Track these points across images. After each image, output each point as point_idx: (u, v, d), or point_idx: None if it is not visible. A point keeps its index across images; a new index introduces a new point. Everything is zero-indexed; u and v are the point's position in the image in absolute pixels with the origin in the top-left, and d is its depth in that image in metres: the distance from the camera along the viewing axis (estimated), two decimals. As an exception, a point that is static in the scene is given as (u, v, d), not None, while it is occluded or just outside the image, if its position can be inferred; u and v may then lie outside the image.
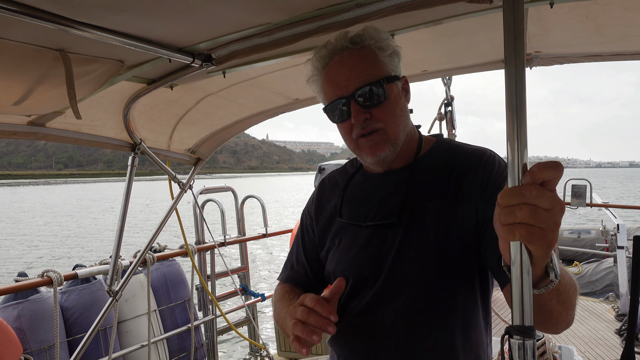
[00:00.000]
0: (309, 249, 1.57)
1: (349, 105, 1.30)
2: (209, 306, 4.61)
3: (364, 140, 1.32)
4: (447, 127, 4.82)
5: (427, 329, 1.27)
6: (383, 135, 1.31)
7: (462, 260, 1.26)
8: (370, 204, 1.40)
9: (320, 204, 1.57)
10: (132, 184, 2.56)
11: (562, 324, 1.06)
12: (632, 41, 1.87)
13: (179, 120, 2.50)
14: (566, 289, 0.99)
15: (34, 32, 1.24)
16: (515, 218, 0.76)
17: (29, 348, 3.29)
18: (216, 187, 4.94)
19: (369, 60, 1.31)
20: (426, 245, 1.27)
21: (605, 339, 4.74)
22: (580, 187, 6.92)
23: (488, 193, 1.24)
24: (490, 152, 1.35)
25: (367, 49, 1.32)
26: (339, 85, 1.32)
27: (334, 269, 1.43)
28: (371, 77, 1.29)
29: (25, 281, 3.08)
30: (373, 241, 1.35)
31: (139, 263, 3.15)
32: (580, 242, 9.28)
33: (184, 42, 1.53)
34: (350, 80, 1.30)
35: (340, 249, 1.42)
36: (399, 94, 1.36)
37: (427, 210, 1.30)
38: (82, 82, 1.59)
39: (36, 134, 2.01)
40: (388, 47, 1.34)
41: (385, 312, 1.31)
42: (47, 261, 18.80)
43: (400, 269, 1.29)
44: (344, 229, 1.44)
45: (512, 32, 0.82)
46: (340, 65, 1.32)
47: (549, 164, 0.76)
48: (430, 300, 1.27)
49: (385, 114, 1.31)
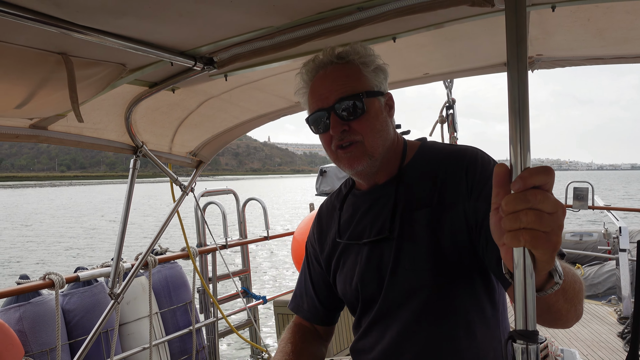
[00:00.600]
0: (315, 279, 1.60)
1: (328, 117, 1.33)
2: (210, 309, 4.61)
3: (342, 152, 1.35)
4: (449, 129, 4.81)
5: (430, 337, 1.29)
6: (361, 148, 1.33)
7: (458, 265, 1.27)
8: (365, 222, 1.43)
9: (321, 231, 1.60)
10: (134, 186, 2.56)
11: (572, 320, 1.06)
12: (633, 44, 1.87)
13: (180, 123, 2.51)
14: (571, 286, 0.99)
15: (37, 35, 1.25)
16: (521, 223, 0.75)
17: (31, 350, 3.29)
18: (217, 189, 4.94)
19: (351, 75, 1.34)
20: (420, 255, 1.29)
21: (607, 342, 4.73)
22: (582, 190, 6.91)
23: (476, 193, 1.25)
24: (472, 150, 1.34)
25: (351, 63, 1.35)
26: (320, 97, 1.35)
27: (343, 290, 1.48)
28: (351, 90, 1.32)
29: (27, 284, 3.09)
30: (372, 258, 1.37)
31: (141, 265, 3.15)
32: (582, 244, 9.25)
33: (186, 45, 1.53)
34: (331, 92, 1.33)
35: (345, 270, 1.46)
36: (381, 109, 1.37)
37: (416, 221, 1.31)
38: (84, 85, 1.59)
39: (38, 137, 2.01)
40: (372, 63, 1.37)
41: (391, 325, 1.34)
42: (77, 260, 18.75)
43: (399, 282, 1.32)
44: (346, 249, 1.46)
45: (515, 35, 0.82)
46: (324, 78, 1.36)
47: (539, 169, 0.76)
48: (431, 309, 1.29)
49: (363, 127, 1.32)
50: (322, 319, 1.60)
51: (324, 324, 1.62)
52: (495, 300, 1.33)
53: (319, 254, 1.58)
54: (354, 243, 1.43)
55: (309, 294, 1.61)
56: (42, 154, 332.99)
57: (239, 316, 5.27)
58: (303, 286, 1.64)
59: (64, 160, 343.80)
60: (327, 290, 1.57)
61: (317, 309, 1.59)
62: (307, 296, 1.62)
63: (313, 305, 1.59)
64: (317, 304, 1.59)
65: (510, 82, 0.83)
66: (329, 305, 1.59)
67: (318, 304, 1.59)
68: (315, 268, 1.60)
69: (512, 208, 0.76)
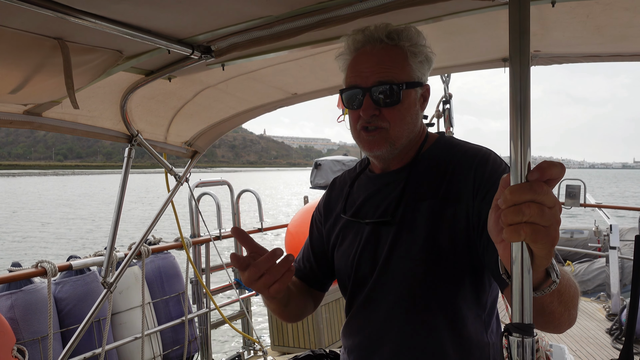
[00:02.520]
0: (316, 244, 1.63)
1: (362, 97, 1.31)
2: (203, 299, 4.61)
3: (365, 133, 1.34)
4: (445, 124, 4.83)
5: (414, 328, 1.30)
6: (384, 135, 1.33)
7: (452, 260, 1.27)
8: (371, 203, 1.44)
9: (329, 202, 1.62)
10: (128, 175, 2.54)
11: (565, 325, 1.06)
12: (632, 42, 1.87)
13: (176, 112, 2.49)
14: (567, 289, 0.99)
15: (33, 19, 1.23)
16: (523, 216, 0.74)
17: (22, 338, 3.27)
18: (212, 180, 4.93)
19: (397, 60, 1.32)
20: (416, 245, 1.29)
21: (595, 338, 4.78)
22: (574, 188, 6.96)
23: (482, 193, 1.25)
24: (486, 151, 1.35)
25: (400, 48, 1.33)
26: (360, 74, 1.33)
27: (338, 266, 1.50)
28: (393, 78, 1.30)
29: (19, 271, 3.07)
30: (371, 239, 1.39)
31: (134, 255, 3.14)
32: (573, 241, 9.34)
33: (184, 33, 1.52)
34: (372, 73, 1.31)
35: (344, 247, 1.47)
36: (415, 101, 1.37)
37: (419, 211, 1.32)
38: (80, 71, 1.57)
39: (32, 124, 1.99)
40: (421, 54, 1.35)
41: (378, 309, 1.36)
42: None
43: (391, 268, 1.33)
44: (347, 226, 1.48)
45: (518, 29, 0.82)
46: (369, 55, 1.34)
47: (555, 163, 0.76)
48: (417, 300, 1.30)
49: (394, 116, 1.32)
50: (315, 282, 1.62)
51: (317, 287, 1.63)
52: (484, 302, 1.34)
53: (323, 223, 1.60)
54: (356, 221, 1.44)
55: (307, 257, 1.63)
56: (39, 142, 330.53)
57: (232, 307, 5.27)
58: (304, 251, 1.67)
59: (60, 149, 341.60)
60: (324, 257, 1.59)
61: (313, 272, 1.61)
62: (305, 259, 1.64)
63: (310, 268, 1.61)
64: (315, 267, 1.61)
65: (512, 76, 0.82)
66: (325, 272, 1.61)
67: (316, 268, 1.61)
68: (319, 233, 1.62)
69: (517, 198, 0.75)
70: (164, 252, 4.48)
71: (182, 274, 4.57)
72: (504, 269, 0.91)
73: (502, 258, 0.87)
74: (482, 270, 1.29)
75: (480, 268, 1.28)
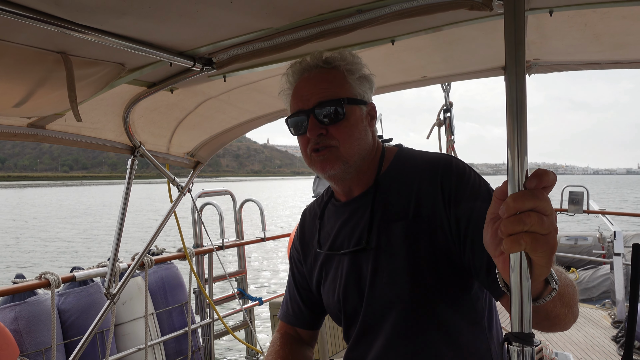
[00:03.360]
0: (299, 283, 1.61)
1: (307, 120, 1.32)
2: (206, 310, 4.60)
3: (315, 155, 1.34)
4: (446, 132, 4.83)
5: (415, 350, 1.29)
6: (335, 153, 1.32)
7: (436, 278, 1.26)
8: (344, 233, 1.42)
9: (303, 237, 1.60)
10: (131, 186, 2.56)
11: (570, 322, 1.06)
12: (630, 50, 1.88)
13: (178, 123, 2.51)
14: (566, 290, 0.99)
15: (36, 34, 1.25)
16: (524, 226, 0.74)
17: (26, 350, 3.28)
18: (215, 190, 4.94)
19: (335, 80, 1.35)
20: (398, 268, 1.28)
21: (601, 346, 4.74)
22: (577, 194, 6.94)
23: (455, 203, 1.24)
24: (446, 159, 1.33)
25: (336, 69, 1.36)
26: (301, 99, 1.35)
27: (327, 302, 1.49)
28: (332, 95, 1.32)
29: (23, 283, 3.08)
30: (352, 270, 1.37)
31: (137, 266, 3.15)
32: (577, 248, 9.29)
33: (185, 46, 1.54)
34: (312, 95, 1.33)
35: (328, 282, 1.46)
36: (361, 118, 1.37)
37: (393, 233, 1.30)
38: (83, 84, 1.59)
39: (36, 136, 2.01)
40: (357, 71, 1.38)
41: (376, 338, 1.34)
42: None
43: (378, 295, 1.32)
44: (327, 260, 1.46)
45: (513, 39, 0.83)
46: (308, 80, 1.36)
47: (547, 170, 0.77)
48: (411, 322, 1.29)
49: (341, 132, 1.32)
50: (307, 323, 1.61)
51: (308, 327, 1.62)
52: (480, 308, 1.33)
53: (302, 261, 1.58)
54: (334, 254, 1.42)
55: (294, 298, 1.62)
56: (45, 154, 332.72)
57: (235, 317, 5.26)
58: (289, 292, 1.65)
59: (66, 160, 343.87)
60: (311, 294, 1.58)
61: (302, 313, 1.60)
62: (292, 301, 1.63)
63: (299, 309, 1.60)
64: (302, 307, 1.59)
65: (508, 85, 0.83)
66: (314, 309, 1.59)
67: (304, 308, 1.59)
68: (300, 272, 1.60)
69: (520, 205, 0.75)
70: (167, 262, 4.48)
71: (185, 285, 4.58)
72: (503, 281, 0.91)
73: (501, 271, 0.86)
74: (470, 278, 1.28)
75: (466, 277, 1.27)
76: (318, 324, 1.64)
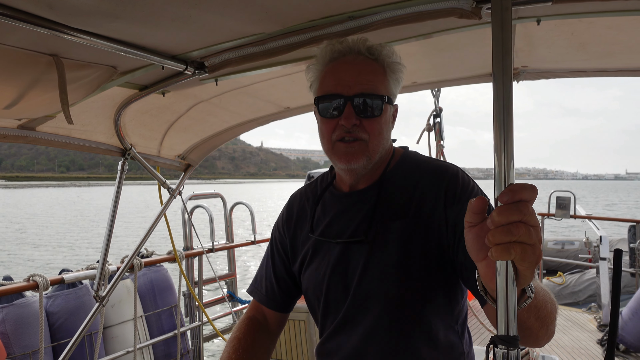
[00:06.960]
0: (277, 264, 1.58)
1: (344, 105, 1.29)
2: (195, 312, 4.59)
3: (342, 145, 1.31)
4: (436, 138, 4.87)
5: (394, 348, 1.30)
6: (363, 147, 1.31)
7: (425, 279, 1.28)
8: (340, 223, 1.41)
9: (290, 219, 1.58)
10: (121, 189, 2.55)
11: (543, 339, 1.07)
12: (615, 58, 1.92)
13: (169, 126, 2.51)
14: (544, 305, 1.00)
15: (28, 37, 1.25)
16: (513, 236, 0.76)
17: (13, 353, 3.25)
18: (205, 193, 4.93)
19: (378, 74, 1.32)
20: (389, 265, 1.29)
21: (587, 349, 4.80)
22: (565, 199, 7.02)
23: (455, 212, 1.25)
24: (454, 169, 1.35)
25: (379, 64, 1.33)
26: (341, 83, 1.30)
27: (306, 287, 1.47)
28: (375, 90, 1.30)
29: (11, 285, 3.05)
30: (342, 260, 1.36)
31: (126, 268, 3.13)
32: (564, 253, 9.40)
33: (178, 49, 1.54)
34: (356, 83, 1.29)
35: (312, 267, 1.45)
36: (391, 118, 1.38)
37: (390, 231, 1.31)
38: (75, 87, 1.59)
39: (26, 138, 2.00)
40: (398, 72, 1.36)
41: (355, 331, 1.34)
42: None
43: (366, 289, 1.32)
44: (316, 245, 1.45)
45: (500, 48, 0.85)
46: (351, 65, 1.32)
47: (526, 185, 0.78)
48: (394, 319, 1.30)
49: (373, 128, 1.31)
50: (277, 304, 1.58)
51: (278, 309, 1.59)
52: (457, 313, 1.35)
53: (285, 240, 1.56)
54: (327, 241, 1.41)
55: (269, 278, 1.59)
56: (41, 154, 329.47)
57: (225, 320, 5.25)
58: (264, 270, 1.62)
59: (62, 161, 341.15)
60: (287, 276, 1.56)
61: (274, 294, 1.57)
62: (266, 280, 1.60)
63: (272, 289, 1.57)
64: (275, 288, 1.57)
65: (496, 93, 0.85)
66: (288, 292, 1.57)
67: (277, 289, 1.57)
68: (279, 253, 1.58)
69: (506, 219, 0.76)
70: (156, 265, 4.46)
71: (175, 287, 4.56)
72: (482, 285, 0.92)
73: (483, 276, 0.88)
74: (456, 284, 1.31)
75: (454, 282, 1.30)
76: (288, 307, 1.60)
